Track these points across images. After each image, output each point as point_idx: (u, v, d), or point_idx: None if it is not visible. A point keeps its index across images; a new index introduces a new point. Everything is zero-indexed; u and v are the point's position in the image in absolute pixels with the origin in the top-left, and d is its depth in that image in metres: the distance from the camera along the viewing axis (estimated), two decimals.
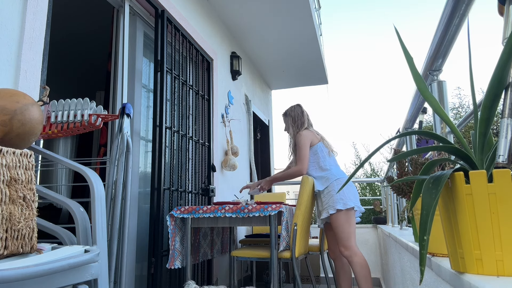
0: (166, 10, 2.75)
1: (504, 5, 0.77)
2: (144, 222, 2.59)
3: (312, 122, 2.83)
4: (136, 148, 2.56)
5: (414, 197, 0.74)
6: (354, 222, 2.51)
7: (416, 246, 1.32)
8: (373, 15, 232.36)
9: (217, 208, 2.41)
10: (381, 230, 3.72)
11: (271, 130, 5.85)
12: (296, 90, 13.00)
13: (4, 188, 0.88)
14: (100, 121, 1.51)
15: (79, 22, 3.77)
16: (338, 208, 2.45)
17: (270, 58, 4.94)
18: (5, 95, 1.08)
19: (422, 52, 1.28)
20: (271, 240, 2.32)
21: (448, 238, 0.69)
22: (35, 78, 1.60)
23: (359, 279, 2.41)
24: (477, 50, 34.28)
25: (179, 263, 2.43)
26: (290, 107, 2.84)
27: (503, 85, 0.65)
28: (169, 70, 2.72)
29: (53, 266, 0.85)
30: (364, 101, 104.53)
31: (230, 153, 3.73)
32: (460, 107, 10.60)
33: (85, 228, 1.16)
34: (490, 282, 0.56)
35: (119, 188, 1.65)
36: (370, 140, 22.11)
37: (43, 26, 1.66)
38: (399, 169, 1.13)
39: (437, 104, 0.75)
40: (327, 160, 2.64)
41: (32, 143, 1.15)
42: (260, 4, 3.69)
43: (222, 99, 3.80)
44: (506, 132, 0.64)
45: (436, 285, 0.89)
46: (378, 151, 0.74)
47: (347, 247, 2.44)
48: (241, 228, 3.94)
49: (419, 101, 1.59)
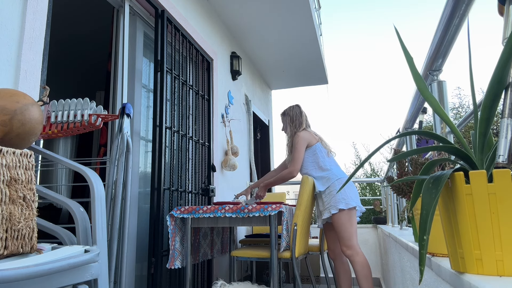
0: (166, 10, 2.75)
1: (504, 5, 0.77)
2: (144, 222, 2.59)
3: (310, 123, 2.84)
4: (136, 148, 2.56)
5: (414, 197, 0.74)
6: (355, 221, 2.52)
7: (416, 246, 1.32)
8: (373, 15, 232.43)
9: (217, 208, 2.41)
10: (381, 230, 3.72)
11: (271, 130, 5.85)
12: (296, 90, 13.00)
13: (4, 188, 0.88)
14: (100, 121, 1.51)
15: (79, 22, 3.77)
16: (341, 207, 2.46)
17: (270, 58, 4.94)
18: (5, 95, 1.08)
19: (422, 52, 1.28)
20: (271, 240, 2.32)
21: (448, 238, 0.69)
22: (35, 78, 1.60)
23: (360, 278, 2.41)
24: (477, 50, 34.28)
25: (179, 263, 2.43)
26: (289, 107, 2.85)
27: (503, 85, 0.65)
28: (169, 70, 2.72)
29: (53, 266, 0.85)
30: (364, 101, 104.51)
31: (230, 153, 3.73)
32: (460, 107, 10.59)
33: (85, 228, 1.16)
34: (490, 282, 0.56)
35: (119, 188, 1.65)
36: (370, 140, 22.11)
37: (43, 26, 1.66)
38: (399, 169, 1.13)
39: (437, 104, 0.75)
40: (326, 160, 2.64)
41: (32, 143, 1.15)
42: (260, 4, 3.70)
43: (222, 99, 3.80)
44: (506, 132, 0.64)
45: (436, 285, 0.89)
46: (378, 151, 0.74)
47: (349, 246, 2.45)
48: (241, 228, 3.94)
49: (419, 101, 1.59)
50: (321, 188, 2.58)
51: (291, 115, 2.79)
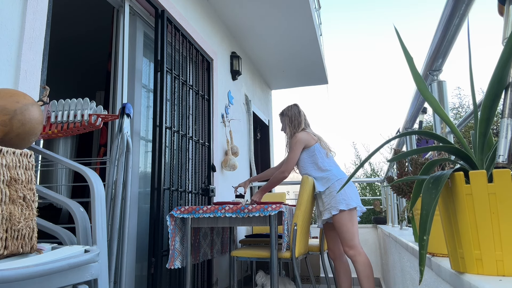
0: (166, 10, 2.75)
1: (504, 5, 0.77)
2: (144, 222, 2.59)
3: (309, 122, 2.83)
4: (136, 148, 2.56)
5: (414, 197, 0.74)
6: (356, 221, 2.52)
7: (416, 246, 1.32)
8: (373, 15, 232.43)
9: (217, 208, 2.41)
10: (381, 230, 3.72)
11: (271, 130, 5.85)
12: (296, 90, 13.01)
13: (4, 188, 0.88)
14: (100, 121, 1.51)
15: (79, 22, 3.77)
16: (341, 208, 2.46)
17: (270, 58, 4.94)
18: (5, 95, 1.08)
19: (422, 52, 1.28)
20: (271, 240, 2.32)
21: (448, 238, 0.69)
22: (35, 78, 1.60)
23: (361, 278, 2.41)
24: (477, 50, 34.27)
25: (178, 263, 2.43)
26: (287, 107, 2.84)
27: (503, 85, 0.65)
28: (169, 70, 2.72)
29: (53, 266, 0.85)
30: (364, 101, 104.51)
31: (230, 153, 3.73)
32: (460, 107, 10.60)
33: (85, 228, 1.16)
34: (490, 282, 0.56)
35: (119, 188, 1.65)
36: (370, 140, 22.10)
37: (43, 26, 1.66)
38: (399, 169, 1.13)
39: (437, 104, 0.75)
40: (325, 161, 2.64)
41: (32, 143, 1.15)
42: (260, 4, 3.69)
43: (222, 99, 3.80)
44: (506, 132, 0.64)
45: (436, 285, 0.89)
46: (378, 151, 0.74)
47: (351, 246, 2.45)
48: (241, 228, 3.94)
49: (419, 101, 1.58)
50: (321, 189, 2.58)
51: (289, 115, 2.78)
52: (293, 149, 2.66)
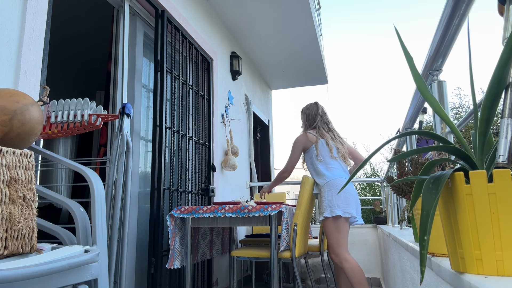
0: (166, 10, 2.75)
1: (504, 5, 0.77)
2: (144, 222, 2.59)
3: (327, 120, 2.73)
4: (136, 148, 2.56)
5: (414, 197, 0.74)
6: (344, 228, 2.43)
7: (416, 246, 1.32)
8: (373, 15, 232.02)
9: (217, 208, 2.41)
10: (381, 230, 3.72)
11: (271, 130, 5.85)
12: (296, 90, 13.01)
13: (4, 188, 0.88)
14: (100, 121, 1.51)
15: (79, 22, 3.77)
16: (326, 215, 2.44)
17: (270, 58, 4.94)
18: (5, 95, 1.08)
19: (422, 52, 1.28)
20: (271, 240, 2.32)
21: (448, 238, 0.69)
22: (35, 78, 1.60)
23: (353, 284, 2.39)
24: (477, 50, 34.27)
25: (178, 263, 2.43)
26: (306, 105, 2.82)
27: (503, 85, 0.65)
28: (169, 70, 2.72)
29: (53, 266, 0.85)
30: (364, 101, 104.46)
31: (230, 153, 3.73)
32: (460, 107, 10.60)
33: (85, 228, 1.16)
34: (490, 282, 0.56)
35: (119, 188, 1.65)
36: (370, 140, 22.11)
37: (43, 26, 1.66)
38: (399, 169, 1.13)
39: (437, 104, 0.75)
40: (322, 164, 2.58)
41: (32, 143, 1.15)
42: (260, 4, 3.69)
43: (222, 99, 3.80)
44: (506, 132, 0.64)
45: (436, 285, 0.89)
46: (378, 151, 0.74)
47: (336, 254, 2.44)
48: (241, 228, 3.94)
49: (419, 101, 1.58)
50: (315, 191, 2.61)
51: (306, 113, 2.78)
52: (292, 151, 2.69)
